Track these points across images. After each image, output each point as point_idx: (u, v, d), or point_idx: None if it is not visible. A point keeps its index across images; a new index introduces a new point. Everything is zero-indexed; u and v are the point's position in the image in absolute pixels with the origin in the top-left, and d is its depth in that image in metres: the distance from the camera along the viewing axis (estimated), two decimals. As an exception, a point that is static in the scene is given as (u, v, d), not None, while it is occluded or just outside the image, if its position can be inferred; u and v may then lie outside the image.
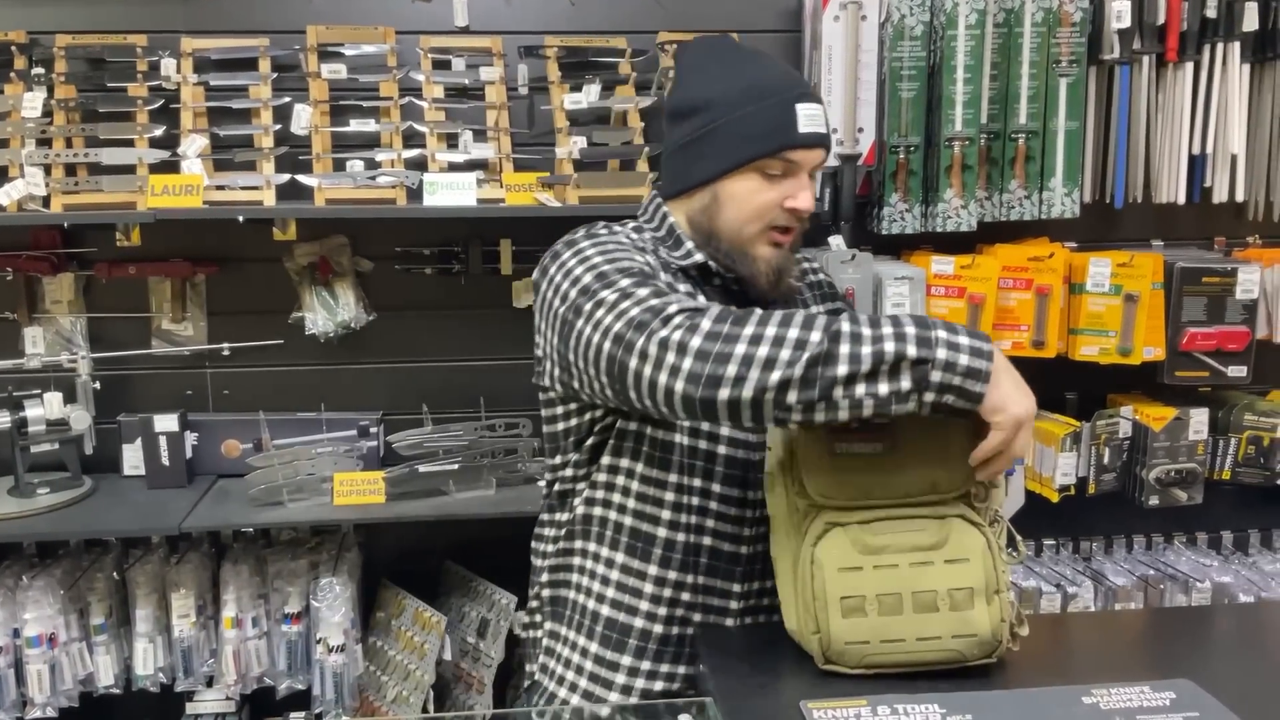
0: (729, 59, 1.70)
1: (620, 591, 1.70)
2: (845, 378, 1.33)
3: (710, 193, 1.66)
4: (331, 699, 2.66)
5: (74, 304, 2.80)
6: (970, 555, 1.44)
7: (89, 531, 2.65)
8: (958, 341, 1.35)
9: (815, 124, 1.63)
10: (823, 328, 1.35)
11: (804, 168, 1.64)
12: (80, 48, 2.68)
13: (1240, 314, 2.71)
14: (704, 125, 1.64)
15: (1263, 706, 1.36)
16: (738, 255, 1.66)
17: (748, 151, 1.62)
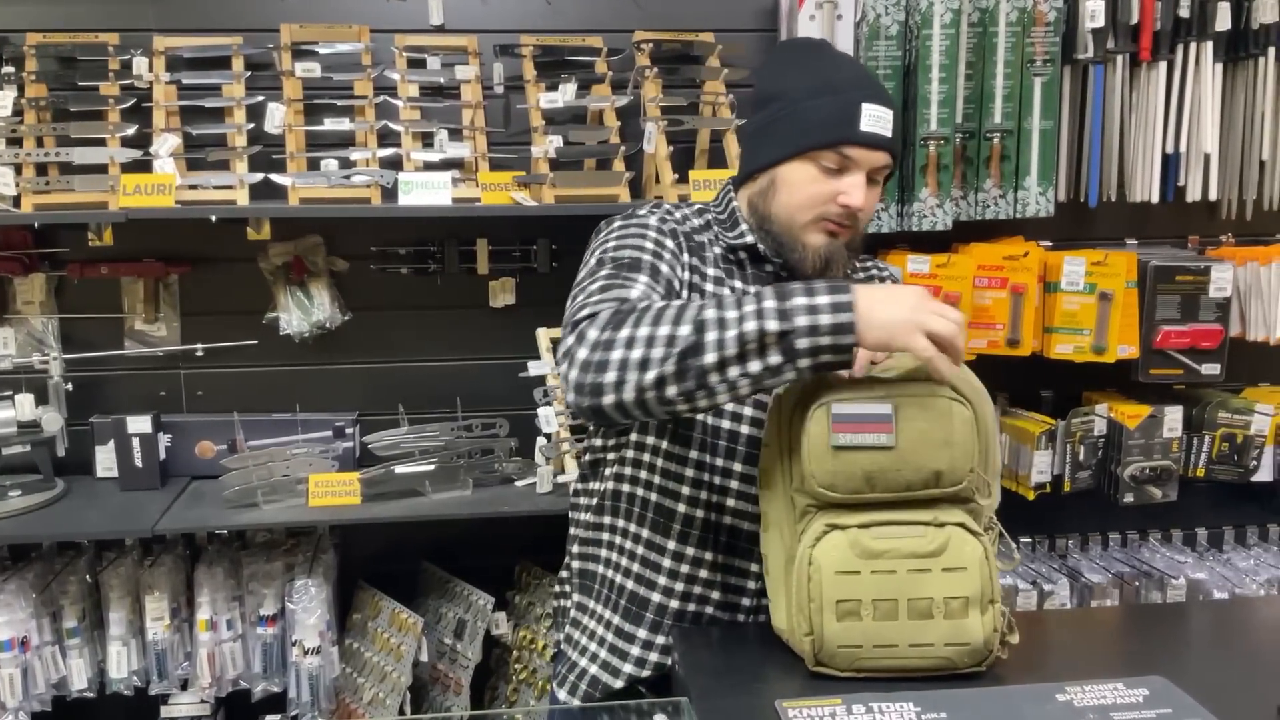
0: (812, 55, 1.76)
1: (643, 566, 1.74)
2: (715, 364, 1.39)
3: (769, 177, 1.71)
4: (307, 701, 2.65)
5: (45, 304, 2.77)
6: (968, 564, 1.43)
7: (61, 534, 2.62)
8: (816, 303, 1.38)
9: (879, 125, 1.65)
10: (691, 319, 1.40)
11: (861, 166, 1.66)
12: (51, 46, 2.66)
13: (1214, 312, 2.72)
14: (774, 113, 1.70)
15: (1234, 702, 1.37)
16: (787, 240, 1.70)
17: (807, 141, 1.65)
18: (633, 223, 1.71)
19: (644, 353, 1.40)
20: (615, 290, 1.55)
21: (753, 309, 1.39)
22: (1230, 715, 1.32)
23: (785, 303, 1.38)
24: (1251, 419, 2.80)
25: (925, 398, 1.42)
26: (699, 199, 2.58)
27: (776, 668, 1.50)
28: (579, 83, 2.74)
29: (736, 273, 1.75)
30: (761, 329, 1.37)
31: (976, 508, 1.48)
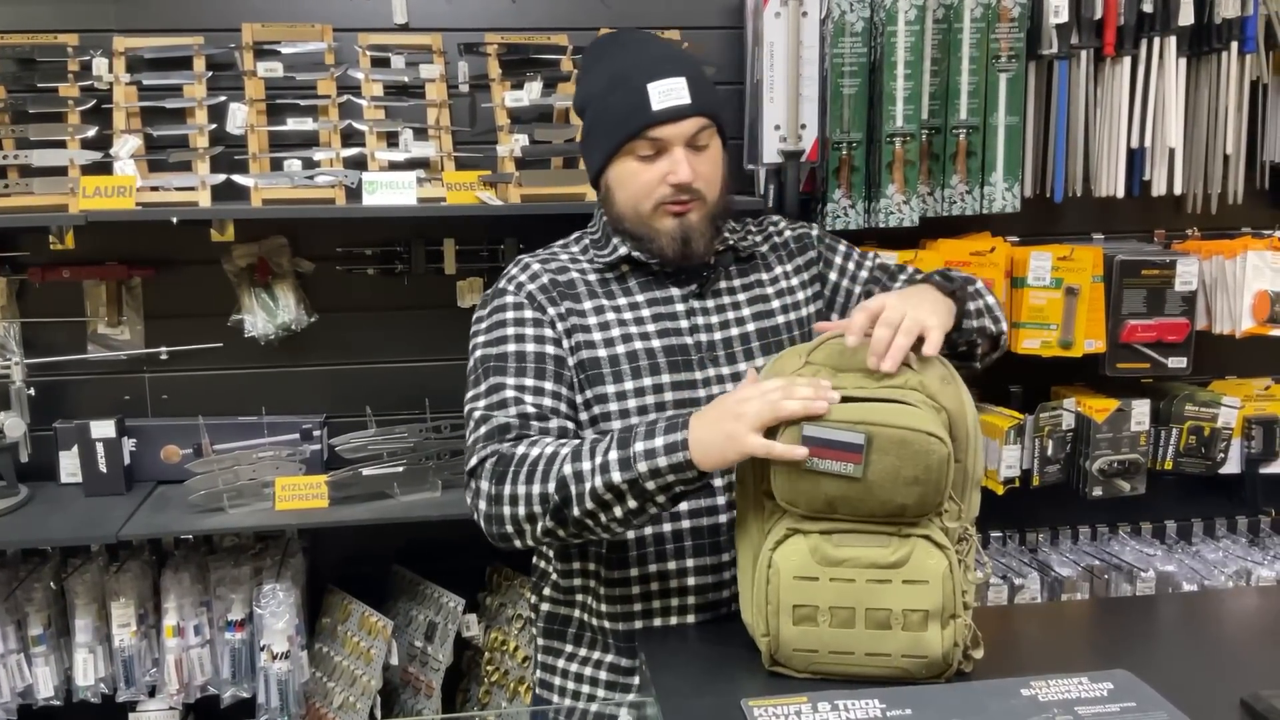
0: (605, 52, 1.78)
1: (612, 604, 1.73)
2: (587, 514, 1.50)
3: (605, 182, 1.76)
4: (277, 707, 2.63)
5: (6, 309, 2.74)
6: (930, 578, 1.41)
7: (25, 541, 2.59)
8: (653, 447, 1.45)
9: (672, 98, 1.66)
10: (554, 476, 1.50)
11: (674, 142, 1.67)
12: (9, 47, 2.63)
13: (1179, 306, 2.74)
14: (587, 122, 1.76)
15: (1198, 695, 1.37)
16: (642, 233, 1.72)
17: (613, 139, 1.69)
18: (492, 310, 1.76)
19: (526, 510, 1.53)
20: (494, 420, 1.63)
21: (599, 462, 1.47)
22: (1194, 708, 1.33)
23: (626, 451, 1.46)
24: (1219, 411, 2.82)
25: (904, 432, 1.36)
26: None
27: (743, 667, 1.49)
28: (545, 81, 2.72)
29: (619, 288, 1.77)
30: (609, 482, 1.46)
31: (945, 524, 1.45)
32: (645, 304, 1.76)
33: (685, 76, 1.67)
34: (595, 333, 1.72)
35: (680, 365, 1.72)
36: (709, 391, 1.71)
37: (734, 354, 1.76)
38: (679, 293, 1.77)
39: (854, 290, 1.88)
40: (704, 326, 1.76)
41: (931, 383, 1.45)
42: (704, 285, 1.78)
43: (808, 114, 2.64)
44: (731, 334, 1.77)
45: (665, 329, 1.74)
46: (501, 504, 1.55)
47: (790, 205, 2.66)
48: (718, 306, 1.78)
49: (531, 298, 1.73)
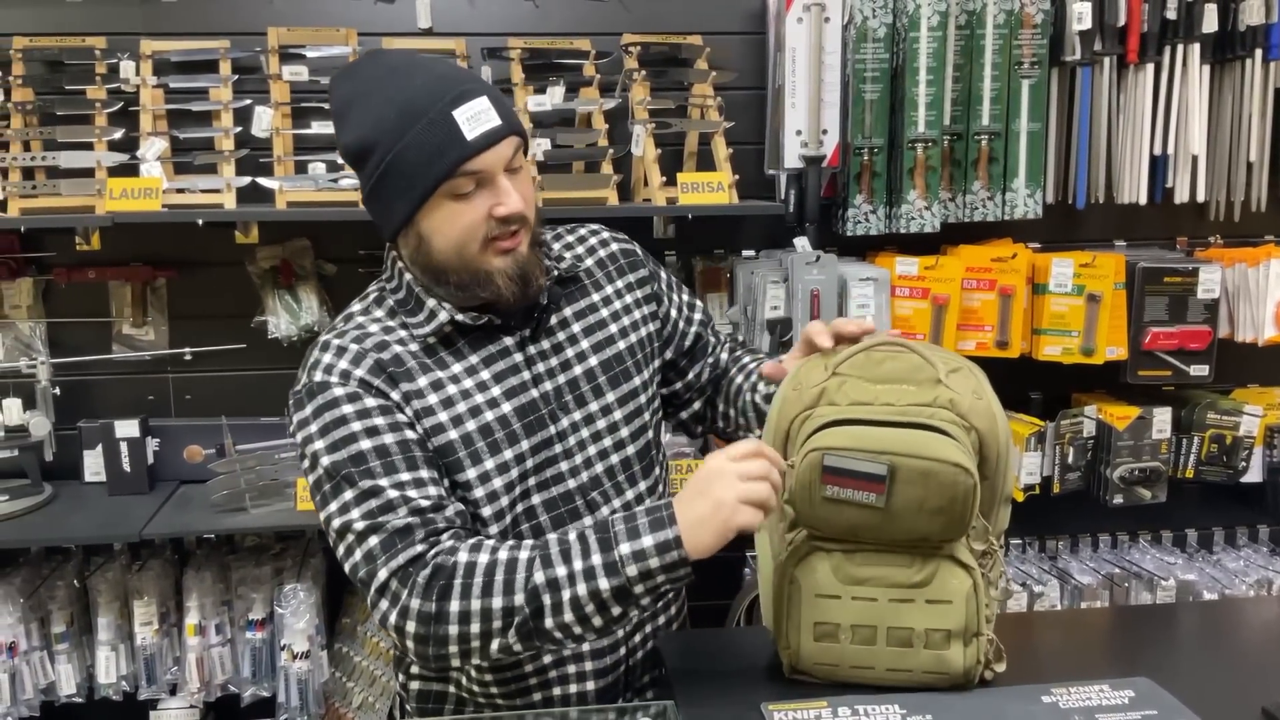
0: (374, 81, 1.48)
1: (504, 682, 1.59)
2: (558, 626, 1.35)
3: (414, 234, 1.49)
4: (297, 706, 2.65)
5: (33, 309, 2.76)
6: (954, 598, 1.39)
7: (49, 539, 2.62)
8: (643, 547, 1.32)
9: (484, 122, 1.44)
10: (522, 587, 1.34)
11: (494, 171, 1.46)
12: (38, 50, 2.65)
13: (1202, 313, 2.73)
14: (376, 167, 1.46)
15: (1219, 703, 1.37)
16: (470, 281, 1.50)
17: (423, 185, 1.44)
18: (319, 409, 1.46)
19: (482, 627, 1.36)
20: (386, 527, 1.40)
21: (579, 568, 1.33)
22: (1215, 717, 1.33)
23: (610, 554, 1.33)
24: (1240, 420, 2.81)
25: (929, 464, 1.32)
26: (687, 202, 2.59)
27: (762, 671, 1.50)
28: (567, 85, 2.73)
29: (448, 354, 1.54)
30: (595, 589, 1.33)
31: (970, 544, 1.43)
32: (482, 365, 1.54)
33: (487, 94, 1.46)
34: (440, 413, 1.50)
35: (535, 425, 1.54)
36: (566, 445, 1.56)
37: (582, 395, 1.59)
38: (512, 342, 1.57)
39: (683, 328, 1.78)
40: (546, 373, 1.58)
41: (963, 399, 1.40)
42: (537, 327, 1.58)
43: (829, 119, 2.65)
44: (575, 374, 1.59)
45: (510, 388, 1.54)
46: (445, 623, 1.36)
47: (811, 211, 2.66)
48: (554, 346, 1.59)
49: (366, 385, 1.47)
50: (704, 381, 1.81)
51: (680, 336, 1.78)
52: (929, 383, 1.41)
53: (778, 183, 2.79)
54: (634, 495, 1.62)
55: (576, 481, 1.57)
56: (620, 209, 2.61)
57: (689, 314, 1.80)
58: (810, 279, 2.56)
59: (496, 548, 1.38)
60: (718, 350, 1.83)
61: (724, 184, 2.63)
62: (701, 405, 1.83)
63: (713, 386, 1.83)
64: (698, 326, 1.81)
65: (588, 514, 1.56)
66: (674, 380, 1.80)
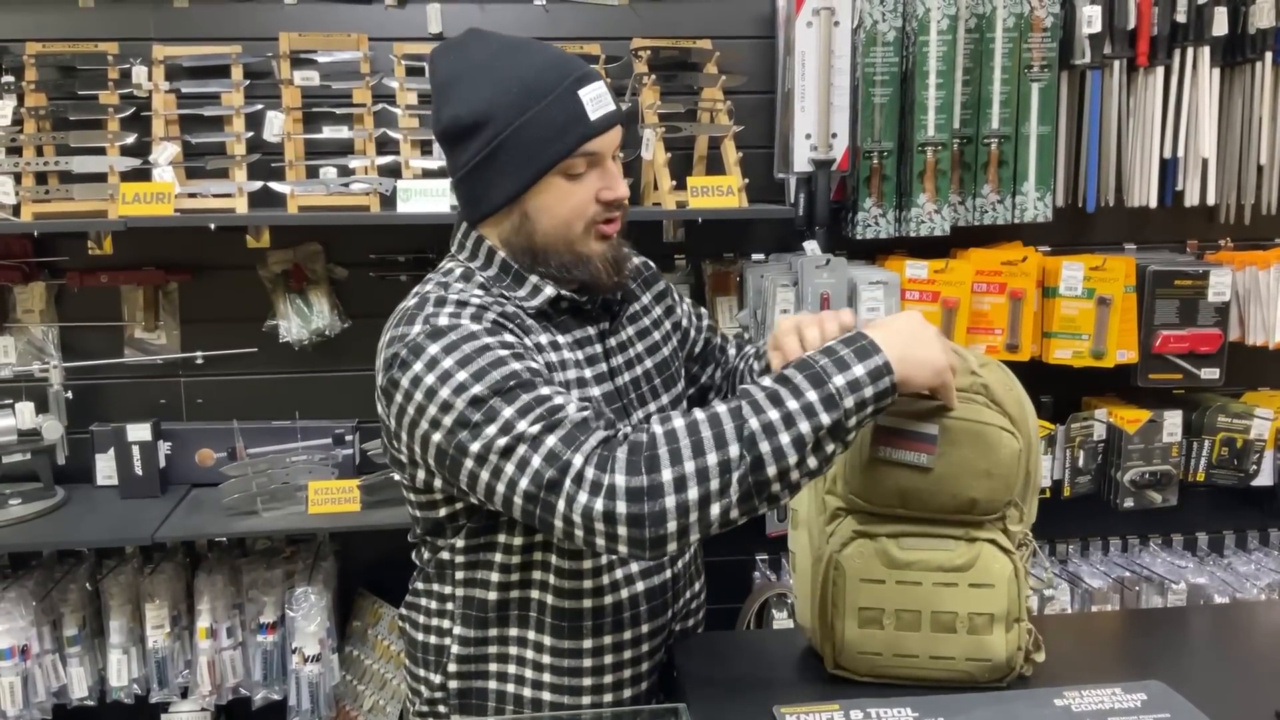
0: (490, 59, 1.49)
1: (556, 674, 1.58)
2: (779, 475, 1.28)
3: (518, 211, 1.50)
4: (308, 709, 2.65)
5: (45, 313, 2.78)
6: (996, 581, 1.41)
7: (62, 542, 2.63)
8: (856, 377, 1.29)
9: (604, 104, 1.48)
10: (735, 436, 1.28)
11: (607, 155, 1.51)
12: (50, 55, 2.66)
13: (1212, 316, 2.72)
14: (488, 142, 1.46)
15: (1232, 707, 1.37)
16: (571, 263, 1.51)
17: (545, 158, 1.46)
18: (462, 344, 1.40)
19: (700, 490, 1.27)
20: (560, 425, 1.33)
21: (797, 406, 1.27)
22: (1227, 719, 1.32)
23: (824, 388, 1.28)
24: (1251, 423, 2.80)
25: (976, 425, 1.38)
26: (696, 205, 2.59)
27: (774, 674, 1.50)
28: (577, 90, 2.74)
29: (554, 328, 1.55)
30: (816, 425, 1.27)
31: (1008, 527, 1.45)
32: (577, 345, 1.56)
33: (602, 79, 1.50)
34: (559, 372, 1.51)
35: (619, 414, 1.56)
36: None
37: (644, 395, 1.62)
38: (594, 331, 1.59)
39: (694, 336, 1.82)
40: (624, 365, 1.61)
41: (996, 388, 1.43)
42: (613, 320, 1.62)
43: (839, 123, 2.65)
44: (638, 372, 1.62)
45: (599, 374, 1.57)
46: (660, 495, 1.27)
47: (821, 214, 2.66)
48: (621, 344, 1.62)
49: (500, 325, 1.46)
50: (716, 382, 1.85)
51: (692, 344, 1.82)
52: (963, 372, 1.43)
53: (787, 186, 2.79)
54: None
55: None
56: (630, 213, 2.60)
57: (697, 321, 1.85)
58: (820, 282, 2.56)
59: (688, 411, 1.34)
60: (727, 349, 1.87)
61: (734, 188, 2.63)
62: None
63: (727, 384, 1.86)
64: (706, 332, 1.85)
65: None
66: (687, 387, 1.82)
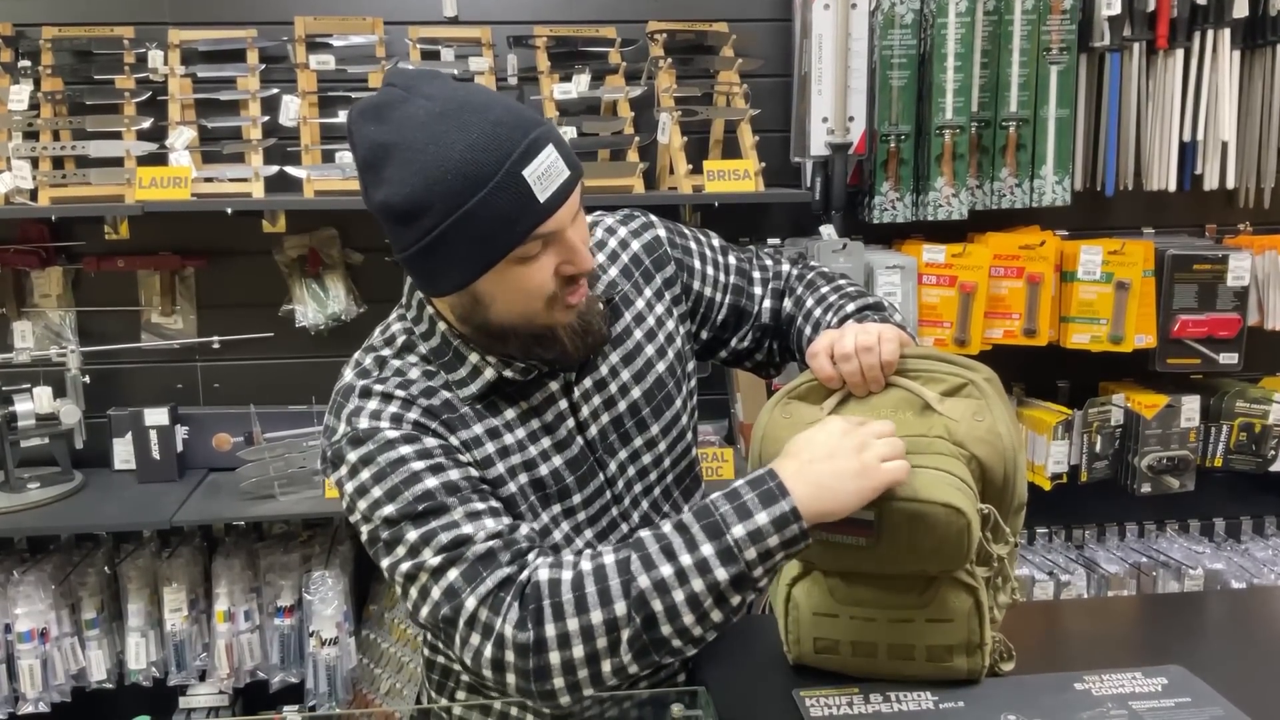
0: (417, 134, 1.25)
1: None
2: (677, 632, 1.21)
3: (469, 295, 1.32)
4: (325, 692, 2.66)
5: (63, 298, 2.79)
6: (954, 617, 1.35)
7: (80, 526, 2.64)
8: (758, 527, 1.18)
9: (555, 178, 1.26)
10: (621, 593, 1.20)
11: (565, 226, 1.29)
12: (66, 40, 2.67)
13: (1231, 301, 2.71)
14: (426, 233, 1.26)
15: (1254, 692, 1.36)
16: (534, 342, 1.36)
17: (491, 252, 1.26)
18: (378, 455, 1.31)
19: (586, 648, 1.21)
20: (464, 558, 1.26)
21: (690, 562, 1.19)
22: (1248, 704, 1.32)
23: (722, 540, 1.19)
24: (1270, 408, 2.79)
25: (917, 506, 1.24)
26: (712, 189, 2.59)
27: (794, 657, 1.50)
28: (593, 74, 2.73)
29: (502, 401, 1.40)
30: (712, 583, 1.19)
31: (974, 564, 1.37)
32: (531, 414, 1.41)
33: (551, 142, 1.27)
34: (499, 464, 1.38)
35: (586, 477, 1.44)
36: (615, 490, 1.47)
37: (626, 433, 1.47)
38: (557, 387, 1.43)
39: (719, 302, 1.61)
40: (590, 416, 1.45)
41: (960, 426, 1.33)
42: (582, 368, 1.45)
43: (856, 106, 2.64)
44: (619, 410, 1.47)
45: (560, 440, 1.42)
46: (546, 651, 1.21)
47: (837, 198, 2.65)
48: (597, 384, 1.46)
49: (422, 427, 1.34)
50: (750, 343, 1.65)
51: (716, 312, 1.62)
52: (926, 411, 1.35)
53: (804, 170, 2.78)
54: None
55: (629, 525, 1.47)
56: (646, 197, 2.61)
57: (724, 280, 1.62)
58: (837, 266, 2.54)
59: (576, 561, 1.25)
60: (764, 301, 1.64)
61: (750, 171, 2.62)
62: (764, 356, 1.67)
63: (772, 337, 1.66)
64: (732, 296, 1.62)
65: None
66: (719, 350, 1.66)
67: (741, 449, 2.79)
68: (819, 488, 1.20)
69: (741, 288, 1.63)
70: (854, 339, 1.36)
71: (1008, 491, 1.36)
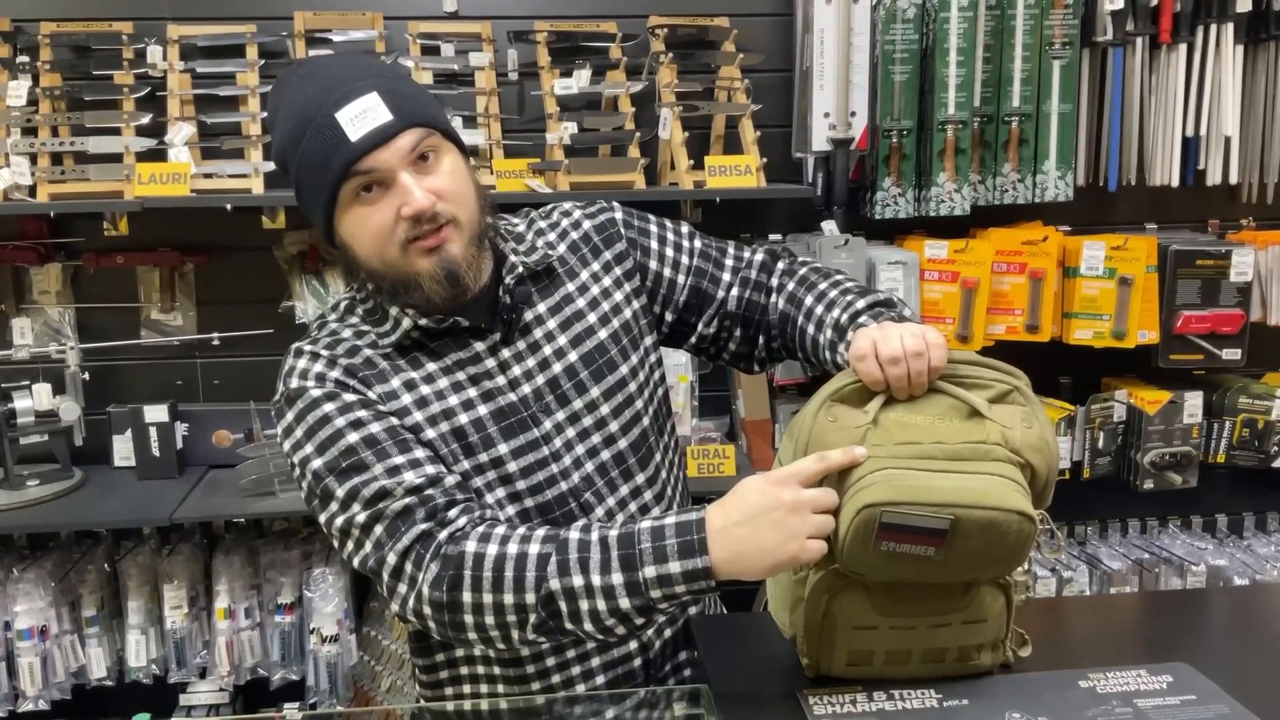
0: (286, 92, 1.44)
1: (509, 685, 1.57)
2: (580, 628, 1.32)
3: (341, 241, 1.46)
4: (326, 689, 2.66)
5: (62, 294, 2.78)
6: (989, 616, 1.36)
7: (79, 523, 2.64)
8: (669, 573, 1.28)
9: (369, 120, 1.37)
10: (533, 587, 1.31)
11: (393, 169, 1.38)
12: (65, 35, 2.66)
13: (1234, 297, 2.70)
14: (293, 179, 1.44)
15: (1259, 689, 1.36)
16: (400, 286, 1.44)
17: (321, 191, 1.40)
18: (299, 415, 1.43)
19: (496, 620, 1.33)
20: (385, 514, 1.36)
21: (598, 584, 1.30)
22: (1254, 701, 1.31)
23: (633, 574, 1.29)
24: (1273, 404, 2.78)
25: (992, 514, 1.23)
26: (714, 185, 2.58)
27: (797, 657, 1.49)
28: (593, 69, 2.72)
29: (424, 356, 1.49)
30: (616, 607, 1.30)
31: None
32: (455, 367, 1.48)
33: (376, 90, 1.38)
34: (416, 413, 1.45)
35: (515, 428, 1.48)
36: (553, 447, 1.49)
37: (564, 394, 1.51)
38: (483, 347, 1.50)
39: (680, 283, 1.63)
40: (524, 375, 1.50)
41: (1014, 433, 1.32)
42: (509, 330, 1.51)
43: (858, 101, 2.63)
44: (555, 372, 1.51)
45: (486, 391, 1.48)
46: (460, 612, 1.33)
47: (839, 194, 2.65)
48: (530, 346, 1.51)
49: (343, 384, 1.44)
50: (717, 330, 1.66)
51: (677, 292, 1.64)
52: (973, 414, 1.33)
53: (805, 166, 2.77)
54: (629, 490, 1.55)
55: (568, 484, 1.50)
56: (647, 193, 2.61)
57: (686, 263, 1.65)
58: (838, 263, 2.54)
59: (507, 537, 1.34)
60: (731, 289, 1.65)
61: (751, 167, 2.62)
62: (739, 346, 1.68)
63: (745, 326, 1.66)
64: (693, 278, 1.64)
65: (581, 516, 1.50)
66: (688, 334, 1.67)
67: (743, 445, 2.78)
68: (737, 553, 1.27)
69: (705, 270, 1.65)
70: (901, 342, 1.33)
71: (1044, 498, 1.38)
